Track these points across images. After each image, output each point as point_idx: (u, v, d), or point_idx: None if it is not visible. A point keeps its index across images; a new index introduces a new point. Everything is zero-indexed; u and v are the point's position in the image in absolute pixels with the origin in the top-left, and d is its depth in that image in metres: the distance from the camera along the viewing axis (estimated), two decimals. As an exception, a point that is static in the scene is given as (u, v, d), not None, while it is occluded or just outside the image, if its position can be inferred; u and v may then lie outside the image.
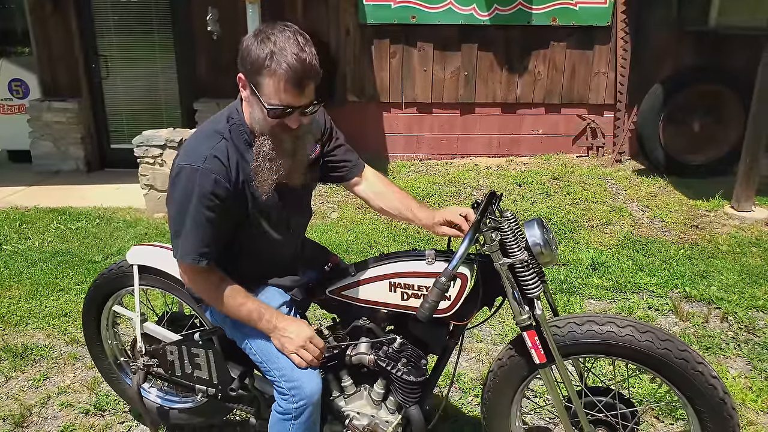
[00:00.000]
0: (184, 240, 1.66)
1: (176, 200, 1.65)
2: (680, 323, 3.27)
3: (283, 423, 1.79)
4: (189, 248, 1.67)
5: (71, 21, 6.21)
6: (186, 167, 1.62)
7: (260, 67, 1.50)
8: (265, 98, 1.53)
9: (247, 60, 1.53)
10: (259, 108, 1.57)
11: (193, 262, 1.68)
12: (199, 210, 1.62)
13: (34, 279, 3.87)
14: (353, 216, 4.99)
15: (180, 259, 1.71)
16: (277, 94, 1.51)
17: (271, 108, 1.53)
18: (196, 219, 1.63)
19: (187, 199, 1.62)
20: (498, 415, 1.95)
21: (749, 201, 4.84)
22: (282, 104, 1.53)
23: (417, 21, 6.16)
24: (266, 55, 1.49)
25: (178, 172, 1.64)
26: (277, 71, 1.49)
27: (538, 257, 1.73)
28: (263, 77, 1.51)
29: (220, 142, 1.65)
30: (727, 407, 1.69)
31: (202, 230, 1.65)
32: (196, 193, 1.61)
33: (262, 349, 1.82)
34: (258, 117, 1.60)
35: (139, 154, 5.07)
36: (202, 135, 1.70)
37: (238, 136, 1.68)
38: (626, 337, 1.71)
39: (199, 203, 1.61)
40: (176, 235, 1.68)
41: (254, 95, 1.56)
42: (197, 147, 1.66)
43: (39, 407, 2.67)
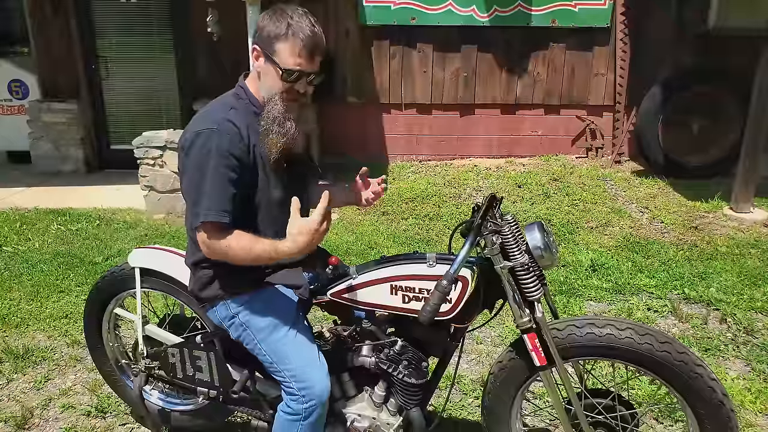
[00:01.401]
0: (206, 199, 1.66)
1: (193, 164, 1.68)
2: (679, 325, 3.28)
3: (291, 424, 1.80)
4: (211, 205, 1.66)
5: (71, 22, 6.22)
6: (202, 132, 1.69)
7: (279, 35, 1.68)
8: (281, 62, 1.69)
9: (265, 31, 1.70)
10: (273, 72, 1.72)
11: (216, 218, 1.66)
12: (218, 169, 1.67)
13: (35, 280, 3.87)
14: (353, 217, 5.00)
15: (203, 219, 1.66)
16: (293, 58, 1.69)
17: (286, 70, 1.69)
18: (217, 177, 1.67)
19: (205, 159, 1.67)
20: (498, 417, 1.96)
21: (748, 202, 4.85)
22: (296, 67, 1.69)
23: (417, 22, 6.17)
24: (285, 25, 1.68)
25: (193, 139, 1.69)
26: (295, 38, 1.67)
27: (538, 260, 1.74)
28: (281, 43, 1.68)
29: (230, 111, 1.75)
30: (726, 409, 1.70)
31: (224, 188, 1.68)
32: (213, 152, 1.66)
33: (273, 350, 1.83)
34: (270, 82, 1.74)
35: (139, 155, 5.08)
36: (211, 107, 1.79)
37: (245, 107, 1.79)
38: (626, 340, 1.73)
39: (219, 162, 1.66)
40: (195, 202, 1.68)
41: (270, 61, 1.71)
42: (209, 116, 1.74)
43: (40, 409, 2.67)
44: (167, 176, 5.11)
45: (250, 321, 1.85)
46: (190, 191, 1.70)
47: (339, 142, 6.53)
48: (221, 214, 1.67)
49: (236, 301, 1.86)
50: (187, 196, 1.72)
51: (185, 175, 1.73)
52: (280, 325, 1.84)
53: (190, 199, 1.71)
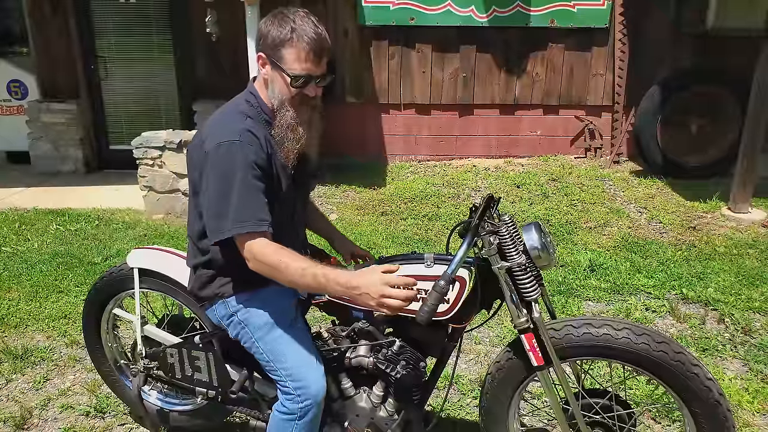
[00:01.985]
0: (236, 212, 1.64)
1: (219, 176, 1.66)
2: (677, 325, 3.29)
3: (286, 423, 1.80)
4: (246, 216, 1.64)
5: (70, 22, 6.22)
6: (224, 143, 1.67)
7: (283, 41, 1.66)
8: (288, 68, 1.68)
9: (269, 37, 1.68)
10: (281, 80, 1.71)
11: (254, 228, 1.64)
12: (246, 179, 1.65)
13: (34, 280, 3.88)
14: (352, 217, 5.01)
15: (239, 232, 1.64)
16: (299, 63, 1.67)
17: (294, 76, 1.67)
18: (246, 188, 1.65)
19: (232, 171, 1.65)
20: (496, 417, 1.96)
21: (746, 202, 4.86)
22: (304, 72, 1.68)
23: (416, 22, 6.18)
24: (288, 30, 1.66)
25: (215, 152, 1.67)
26: (300, 42, 1.65)
27: (535, 261, 1.75)
28: (286, 49, 1.66)
29: (246, 120, 1.74)
30: (723, 408, 1.70)
31: (255, 197, 1.66)
32: (240, 163, 1.65)
33: (270, 348, 1.83)
34: (279, 89, 1.73)
35: (138, 155, 5.08)
36: (227, 116, 1.77)
37: (257, 115, 1.78)
38: (623, 340, 1.73)
39: (246, 173, 1.65)
40: (220, 214, 1.66)
41: (276, 68, 1.70)
42: (228, 125, 1.72)
43: (39, 409, 2.68)
44: (166, 176, 5.11)
45: (249, 319, 1.85)
46: (214, 204, 1.68)
47: (338, 142, 6.53)
48: (258, 224, 1.65)
49: (236, 299, 1.87)
50: (211, 206, 1.69)
51: (208, 188, 1.69)
52: (278, 324, 1.84)
53: (213, 210, 1.68)
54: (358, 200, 5.42)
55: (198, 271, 1.91)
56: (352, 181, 5.82)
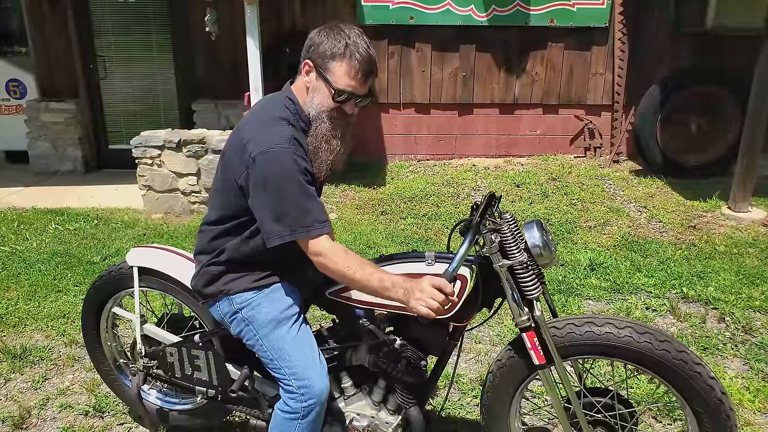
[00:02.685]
0: (299, 217, 1.66)
1: (275, 182, 1.66)
2: (678, 324, 3.28)
3: (289, 422, 1.80)
4: (308, 220, 1.66)
5: (69, 21, 6.20)
6: (273, 150, 1.66)
7: (335, 54, 1.67)
8: (334, 81, 1.69)
9: (320, 47, 1.69)
10: (325, 90, 1.71)
11: (319, 231, 1.67)
12: (302, 184, 1.67)
13: (33, 280, 3.87)
14: (352, 217, 5.00)
15: (306, 237, 1.66)
16: (347, 79, 1.68)
17: (339, 90, 1.69)
18: (303, 192, 1.67)
19: (288, 176, 1.66)
20: (497, 416, 1.96)
21: (746, 201, 4.86)
22: (348, 89, 1.69)
23: (415, 22, 6.17)
24: (343, 45, 1.67)
25: (265, 157, 1.66)
26: (352, 60, 1.67)
27: (537, 259, 1.74)
28: (336, 63, 1.68)
29: (289, 127, 1.74)
30: (725, 407, 1.70)
31: (313, 200, 1.69)
32: (294, 170, 1.66)
33: (274, 347, 1.83)
34: (320, 100, 1.73)
35: (137, 154, 5.07)
36: (269, 122, 1.75)
37: (296, 122, 1.78)
38: (625, 338, 1.73)
39: (301, 178, 1.67)
40: (279, 219, 1.66)
41: (322, 78, 1.70)
42: (274, 131, 1.71)
43: (38, 409, 2.66)
44: (165, 176, 5.10)
45: (254, 317, 1.85)
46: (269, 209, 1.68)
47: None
48: (322, 225, 1.68)
49: (241, 296, 1.86)
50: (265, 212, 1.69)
51: (264, 193, 1.68)
52: (283, 322, 1.84)
53: (271, 215, 1.68)
54: (357, 199, 5.41)
55: (205, 267, 1.90)
56: (352, 180, 5.81)
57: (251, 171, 1.68)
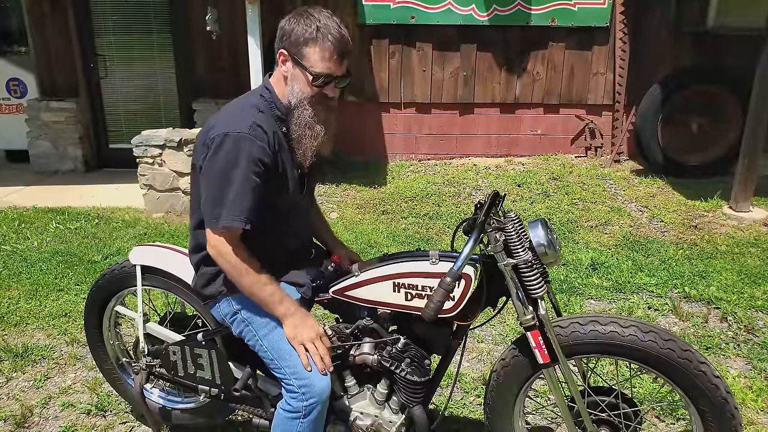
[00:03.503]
0: (231, 205, 1.66)
1: (220, 166, 1.67)
2: (680, 323, 3.28)
3: (291, 422, 1.79)
4: (236, 211, 1.66)
5: (69, 21, 6.20)
6: (231, 134, 1.66)
7: (308, 40, 1.66)
8: (311, 67, 1.68)
9: (292, 35, 1.68)
10: (302, 78, 1.71)
11: (239, 225, 1.67)
12: (247, 175, 1.66)
13: (34, 279, 3.86)
14: (353, 216, 4.99)
15: (225, 224, 1.67)
16: (323, 63, 1.67)
17: (316, 74, 1.68)
18: (245, 184, 1.66)
19: (234, 164, 1.65)
20: (501, 415, 1.95)
21: (747, 201, 4.85)
22: (325, 72, 1.68)
23: (416, 21, 6.17)
24: (314, 29, 1.66)
25: (221, 141, 1.67)
26: (325, 42, 1.66)
27: (542, 257, 1.74)
28: (310, 48, 1.67)
29: (258, 114, 1.73)
30: (730, 407, 1.69)
31: (250, 195, 1.67)
32: (244, 158, 1.65)
33: (274, 347, 1.82)
34: (299, 87, 1.72)
35: (138, 154, 5.06)
36: (239, 108, 1.76)
37: (270, 110, 1.77)
38: (629, 337, 1.72)
39: (248, 168, 1.66)
40: (217, 202, 1.68)
41: (298, 66, 1.70)
42: (238, 117, 1.71)
43: (40, 408, 2.66)
44: (166, 175, 5.10)
45: (253, 317, 1.84)
46: (210, 192, 1.69)
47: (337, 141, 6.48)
48: (244, 221, 1.67)
49: (240, 296, 1.85)
50: (209, 196, 1.70)
51: (209, 175, 1.70)
52: None
53: (210, 198, 1.69)
54: (358, 199, 5.40)
55: (201, 268, 1.90)
56: (353, 180, 5.81)
57: (209, 154, 1.69)
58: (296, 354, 1.80)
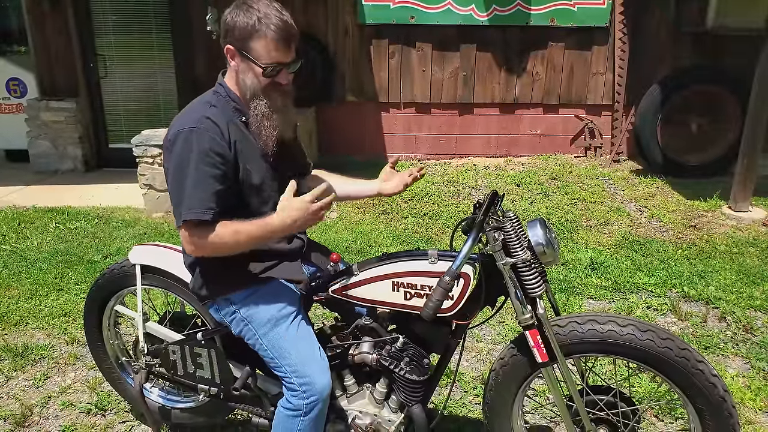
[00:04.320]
0: (188, 199, 1.66)
1: (174, 164, 1.69)
2: (679, 323, 3.29)
3: (291, 420, 1.80)
4: (193, 204, 1.65)
5: (69, 20, 6.21)
6: (182, 131, 1.68)
7: (251, 33, 1.66)
8: (258, 59, 1.68)
9: (236, 30, 1.68)
10: (252, 71, 1.71)
11: (198, 216, 1.65)
12: (199, 167, 1.66)
13: (34, 278, 3.86)
14: (353, 216, 5.00)
15: (184, 217, 1.66)
16: (269, 53, 1.67)
17: (266, 66, 1.68)
18: (198, 177, 1.66)
19: (186, 159, 1.66)
20: (500, 414, 1.96)
21: (746, 201, 4.86)
22: (274, 62, 1.68)
23: (416, 21, 6.17)
24: (254, 21, 1.65)
25: (174, 139, 1.69)
26: (268, 33, 1.65)
27: (540, 257, 1.74)
28: (254, 41, 1.66)
29: (210, 108, 1.74)
30: (727, 405, 1.70)
31: (206, 186, 1.66)
32: (194, 151, 1.66)
33: (274, 345, 1.83)
34: (251, 80, 1.72)
35: (137, 153, 5.07)
36: (191, 107, 1.79)
37: (225, 104, 1.78)
38: (627, 336, 1.73)
39: (199, 161, 1.66)
40: (178, 202, 1.68)
41: (246, 60, 1.70)
42: (190, 114, 1.73)
43: (40, 407, 2.67)
44: (166, 175, 5.10)
45: (252, 316, 1.84)
46: (172, 193, 1.71)
47: (337, 141, 6.54)
48: (204, 212, 1.66)
49: (238, 296, 1.86)
50: (171, 197, 1.73)
51: (167, 174, 1.72)
52: (282, 320, 1.83)
53: (173, 200, 1.71)
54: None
55: (197, 269, 1.90)
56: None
57: (166, 154, 1.72)
58: (296, 352, 1.81)
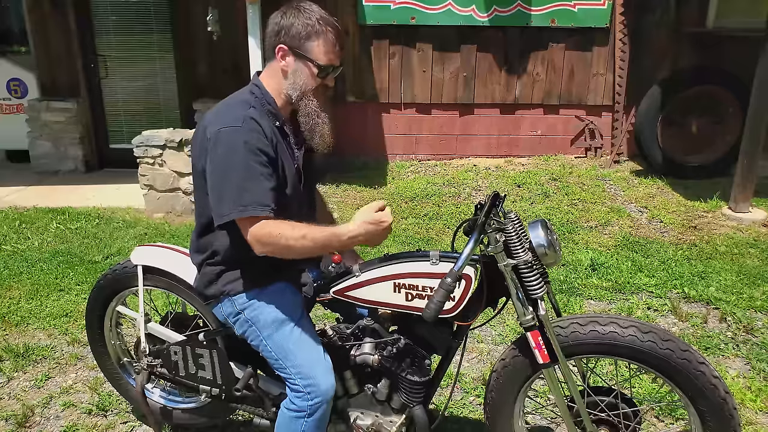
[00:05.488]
0: (238, 196, 1.63)
1: (220, 161, 1.67)
2: (679, 324, 3.29)
3: (295, 421, 1.80)
4: (247, 200, 1.64)
5: (70, 20, 6.20)
6: (225, 129, 1.68)
7: (311, 34, 1.71)
8: (316, 59, 1.72)
9: (292, 29, 1.71)
10: (307, 71, 1.74)
11: (259, 213, 1.63)
12: (248, 163, 1.65)
13: (34, 279, 3.87)
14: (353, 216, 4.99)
15: (238, 216, 1.64)
16: (327, 55, 1.73)
17: (323, 67, 1.73)
18: (248, 172, 1.65)
19: (234, 155, 1.65)
20: (501, 415, 1.96)
21: (746, 202, 4.86)
22: (329, 63, 1.74)
23: (416, 22, 6.17)
24: (315, 21, 1.70)
25: (216, 138, 1.67)
26: (328, 35, 1.72)
27: (542, 258, 1.75)
28: (314, 42, 1.71)
29: (249, 109, 1.75)
30: (729, 406, 1.70)
31: (257, 182, 1.66)
32: (241, 148, 1.65)
33: (278, 346, 1.83)
34: (303, 80, 1.75)
35: (138, 154, 5.07)
36: (230, 105, 1.78)
37: (261, 106, 1.78)
38: (629, 338, 1.73)
39: (248, 157, 1.65)
40: (221, 198, 1.66)
41: (302, 59, 1.73)
42: (231, 112, 1.73)
43: (41, 407, 2.67)
44: (167, 175, 5.10)
45: (257, 317, 1.85)
46: (219, 189, 1.68)
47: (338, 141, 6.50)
48: (263, 208, 1.65)
49: (243, 297, 1.86)
50: (214, 193, 1.69)
51: (212, 173, 1.69)
52: (287, 322, 1.84)
53: (218, 196, 1.68)
54: (358, 199, 5.41)
55: (203, 268, 1.91)
56: (353, 180, 5.82)
57: (209, 153, 1.70)
58: (301, 353, 1.81)
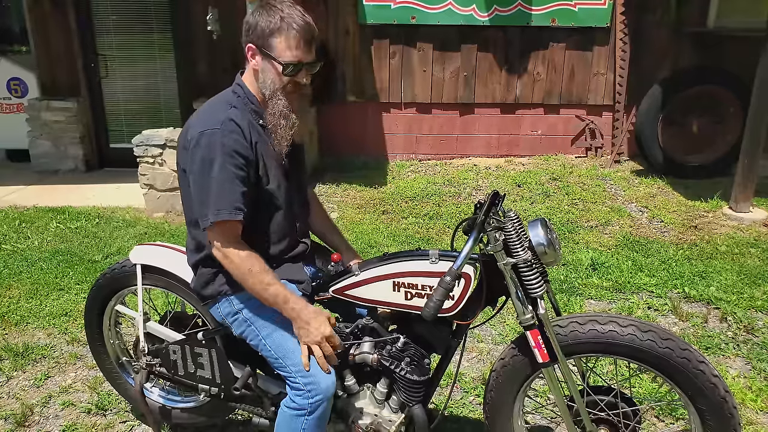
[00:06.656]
0: (216, 199, 1.68)
1: (199, 165, 1.69)
2: (680, 323, 3.29)
3: (296, 419, 1.79)
4: (223, 204, 1.68)
5: (70, 20, 6.20)
6: (205, 132, 1.70)
7: (273, 31, 1.70)
8: (279, 57, 1.71)
9: (258, 28, 1.71)
10: (273, 69, 1.74)
11: (229, 217, 1.67)
12: (225, 167, 1.68)
13: (34, 278, 3.87)
14: (353, 216, 5.00)
15: (215, 219, 1.68)
16: (290, 51, 1.71)
17: (286, 64, 1.71)
18: (225, 176, 1.68)
19: (211, 159, 1.68)
20: (501, 414, 1.95)
21: (747, 202, 4.86)
22: (295, 60, 1.71)
23: (417, 21, 6.18)
24: (278, 19, 1.69)
25: (197, 139, 1.70)
26: (290, 31, 1.69)
27: (541, 257, 1.74)
28: (276, 39, 1.70)
29: (231, 109, 1.77)
30: (729, 406, 1.70)
31: (233, 187, 1.69)
32: (219, 151, 1.67)
33: (278, 345, 1.83)
34: (271, 78, 1.75)
35: (138, 153, 5.07)
36: (211, 107, 1.80)
37: (244, 105, 1.80)
38: (628, 337, 1.72)
39: (225, 161, 1.68)
40: (203, 202, 1.70)
41: (267, 58, 1.73)
42: (211, 114, 1.74)
43: (40, 406, 2.67)
44: (167, 174, 5.10)
45: (255, 317, 1.84)
46: (199, 192, 1.71)
47: (338, 141, 6.54)
48: (234, 213, 1.68)
49: (240, 296, 1.86)
50: (195, 197, 1.73)
51: (191, 175, 1.73)
52: (285, 321, 1.83)
53: (199, 199, 1.72)
54: (358, 199, 5.41)
55: (199, 269, 1.90)
56: (353, 179, 5.81)
57: (189, 155, 1.73)
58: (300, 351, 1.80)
